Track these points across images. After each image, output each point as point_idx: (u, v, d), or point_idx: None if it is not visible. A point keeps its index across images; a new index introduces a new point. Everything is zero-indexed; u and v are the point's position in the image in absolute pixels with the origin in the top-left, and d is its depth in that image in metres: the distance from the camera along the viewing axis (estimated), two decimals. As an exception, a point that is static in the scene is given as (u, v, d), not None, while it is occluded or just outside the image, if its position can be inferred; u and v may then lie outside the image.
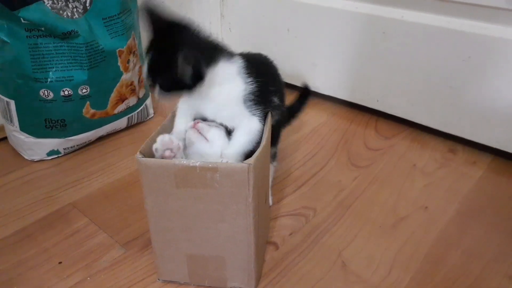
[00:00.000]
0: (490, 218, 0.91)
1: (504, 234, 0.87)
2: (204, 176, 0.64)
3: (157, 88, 0.72)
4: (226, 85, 0.74)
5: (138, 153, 0.66)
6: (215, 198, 0.66)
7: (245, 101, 0.74)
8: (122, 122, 1.19)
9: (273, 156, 0.95)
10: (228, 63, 0.74)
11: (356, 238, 0.86)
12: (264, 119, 0.76)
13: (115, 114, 1.14)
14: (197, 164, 0.63)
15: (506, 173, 1.05)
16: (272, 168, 0.96)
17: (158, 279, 0.76)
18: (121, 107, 1.15)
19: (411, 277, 0.77)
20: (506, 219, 0.91)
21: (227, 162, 0.68)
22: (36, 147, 1.07)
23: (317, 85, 1.38)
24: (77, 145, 1.12)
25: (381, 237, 0.86)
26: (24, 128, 1.05)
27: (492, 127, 1.07)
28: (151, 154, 0.69)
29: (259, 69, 0.79)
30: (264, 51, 0.92)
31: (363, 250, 0.83)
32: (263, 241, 0.81)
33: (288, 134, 1.18)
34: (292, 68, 1.42)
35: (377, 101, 1.26)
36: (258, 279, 0.76)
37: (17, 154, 1.11)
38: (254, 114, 0.75)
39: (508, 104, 1.02)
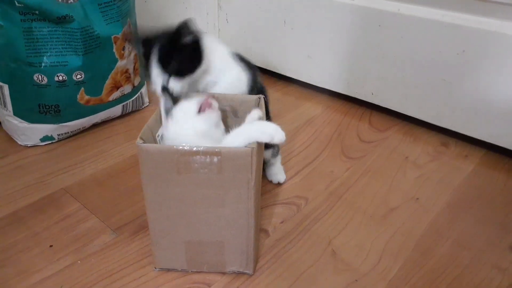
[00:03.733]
0: (480, 211, 0.92)
1: (493, 226, 0.88)
2: (206, 161, 0.63)
3: (171, 81, 0.76)
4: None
5: (138, 138, 0.64)
6: (217, 183, 0.65)
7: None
8: (116, 110, 1.18)
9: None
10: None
11: (347, 227, 0.86)
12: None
13: (109, 101, 1.14)
14: (200, 148, 0.63)
15: (497, 167, 1.06)
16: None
17: (155, 268, 0.76)
18: (116, 94, 1.14)
19: (400, 266, 0.78)
20: (496, 211, 0.92)
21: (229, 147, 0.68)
22: (29, 133, 1.07)
23: (312, 78, 1.38)
24: (71, 132, 1.12)
25: (371, 227, 0.87)
26: (17, 113, 1.04)
27: (485, 121, 1.07)
28: (150, 140, 0.69)
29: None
30: (261, 43, 0.93)
31: (353, 239, 0.84)
32: (258, 226, 0.81)
33: (283, 125, 1.18)
34: (287, 60, 1.42)
35: (372, 94, 1.26)
36: (256, 262, 0.77)
37: (10, 139, 1.11)
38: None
39: (502, 98, 1.02)
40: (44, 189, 0.95)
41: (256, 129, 0.67)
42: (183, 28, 0.75)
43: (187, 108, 0.72)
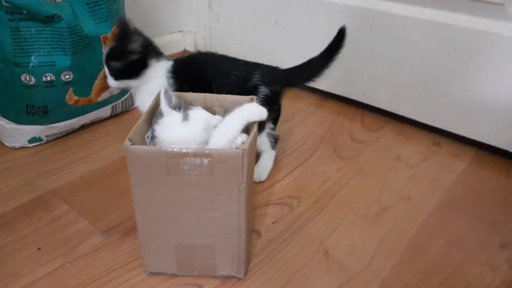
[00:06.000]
0: (472, 209, 0.92)
1: (485, 225, 0.88)
2: (196, 163, 0.62)
3: (109, 77, 0.89)
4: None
5: (126, 140, 0.63)
6: (208, 185, 0.64)
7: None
8: (106, 111, 1.17)
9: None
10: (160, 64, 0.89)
11: (339, 227, 0.86)
12: None
13: (98, 102, 1.12)
14: (190, 150, 0.61)
15: (489, 166, 1.06)
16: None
17: (144, 272, 0.75)
18: (105, 95, 1.13)
19: (392, 266, 0.78)
20: (488, 210, 0.92)
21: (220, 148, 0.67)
22: (17, 134, 1.05)
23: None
24: (59, 133, 1.10)
25: (364, 226, 0.86)
26: (4, 114, 1.02)
27: (476, 121, 1.07)
28: (139, 142, 0.68)
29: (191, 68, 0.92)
30: (252, 43, 0.93)
31: (345, 238, 0.83)
32: (250, 229, 0.80)
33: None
34: (279, 60, 1.41)
35: (364, 94, 1.26)
36: (247, 266, 0.76)
37: (-3, 141, 1.09)
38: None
39: (492, 97, 1.03)
40: (32, 191, 0.93)
41: (244, 111, 0.69)
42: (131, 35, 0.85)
43: (175, 115, 0.72)
